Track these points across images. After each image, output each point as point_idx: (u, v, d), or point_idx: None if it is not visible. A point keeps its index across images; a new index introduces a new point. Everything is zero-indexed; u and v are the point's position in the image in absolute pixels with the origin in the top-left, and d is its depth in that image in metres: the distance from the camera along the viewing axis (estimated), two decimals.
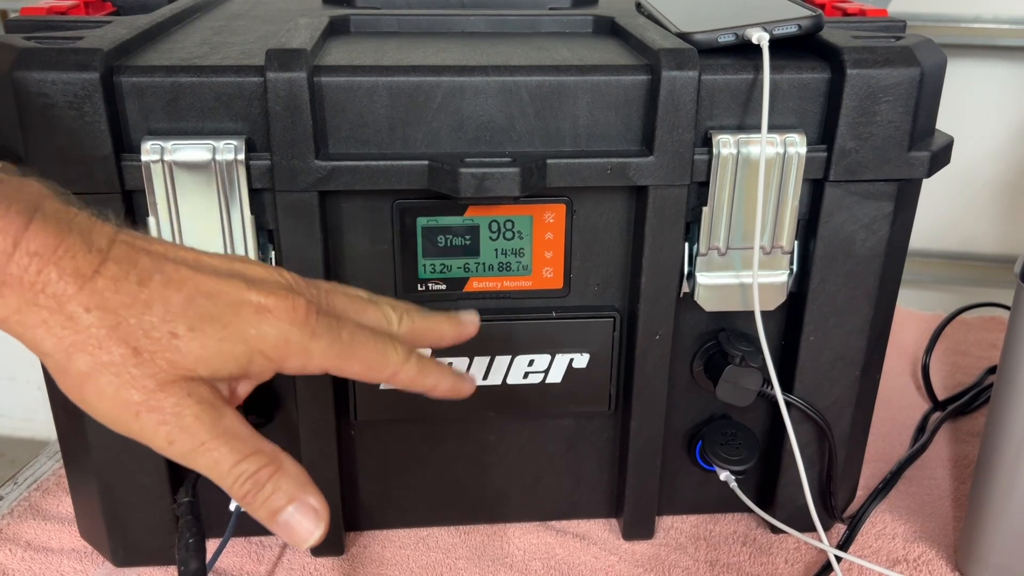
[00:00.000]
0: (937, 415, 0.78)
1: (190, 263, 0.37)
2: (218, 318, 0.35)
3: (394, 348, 0.40)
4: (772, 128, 0.51)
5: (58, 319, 0.33)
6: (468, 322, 0.45)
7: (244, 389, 0.38)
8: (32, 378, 1.76)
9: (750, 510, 0.60)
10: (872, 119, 0.51)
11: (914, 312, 0.97)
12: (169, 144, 0.48)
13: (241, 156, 0.48)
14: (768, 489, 0.63)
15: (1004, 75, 1.20)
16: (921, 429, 0.76)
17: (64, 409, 0.56)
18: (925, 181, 0.54)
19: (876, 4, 0.67)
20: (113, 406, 0.34)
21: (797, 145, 0.51)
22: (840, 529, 0.64)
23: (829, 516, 0.63)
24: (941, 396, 0.81)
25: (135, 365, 0.34)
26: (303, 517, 0.36)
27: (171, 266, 0.36)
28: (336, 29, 0.60)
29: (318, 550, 0.61)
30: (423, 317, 0.43)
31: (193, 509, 0.47)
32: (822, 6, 0.66)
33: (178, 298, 0.35)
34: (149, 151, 0.48)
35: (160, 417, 0.34)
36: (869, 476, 0.69)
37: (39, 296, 0.33)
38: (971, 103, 1.20)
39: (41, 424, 1.81)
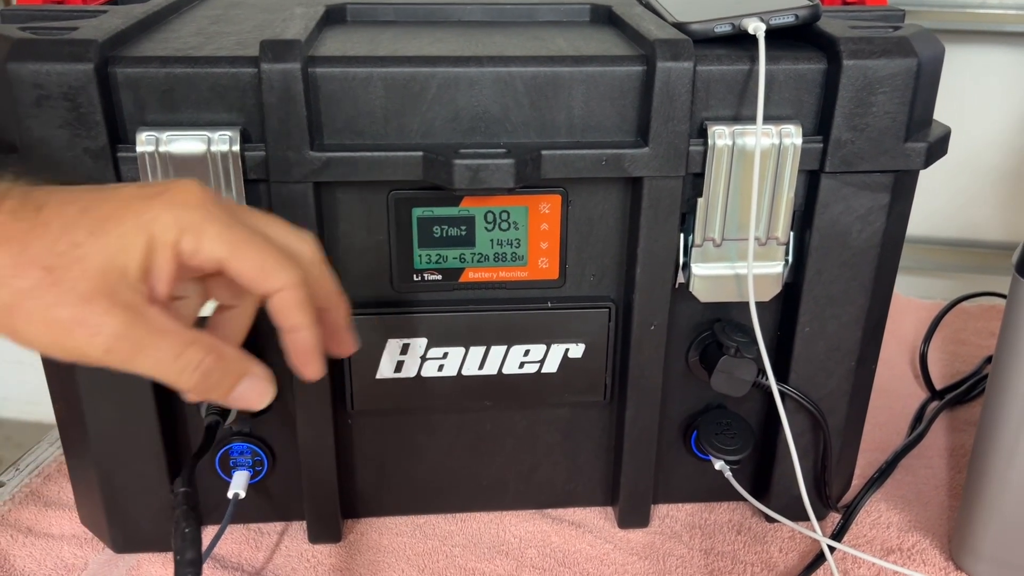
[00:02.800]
0: (935, 404, 0.78)
1: (88, 188, 0.37)
2: (112, 215, 0.35)
3: (290, 264, 0.38)
4: (768, 119, 0.51)
5: None
6: (349, 345, 0.45)
7: (161, 284, 0.37)
8: (37, 362, 1.76)
9: (745, 499, 0.61)
10: (868, 110, 0.51)
11: (914, 300, 0.97)
12: (164, 135, 0.48)
13: (236, 147, 0.48)
14: (763, 478, 0.63)
15: (1008, 61, 1.19)
16: (918, 418, 0.76)
17: (63, 398, 0.56)
18: (925, 169, 0.54)
19: None
20: (44, 330, 0.35)
21: (793, 136, 0.51)
22: (835, 518, 0.64)
23: (824, 505, 0.63)
24: (939, 385, 0.81)
25: (52, 283, 0.34)
26: (251, 388, 0.38)
27: (65, 192, 0.36)
28: (332, 18, 0.60)
29: (315, 537, 0.61)
30: (330, 279, 0.42)
31: (189, 499, 0.47)
32: None
33: (73, 209, 0.35)
34: (144, 142, 0.48)
35: (91, 329, 0.34)
36: (865, 465, 0.69)
37: None
38: (974, 90, 1.19)
39: (46, 407, 1.79)
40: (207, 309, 0.43)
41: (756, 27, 0.51)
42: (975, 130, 1.20)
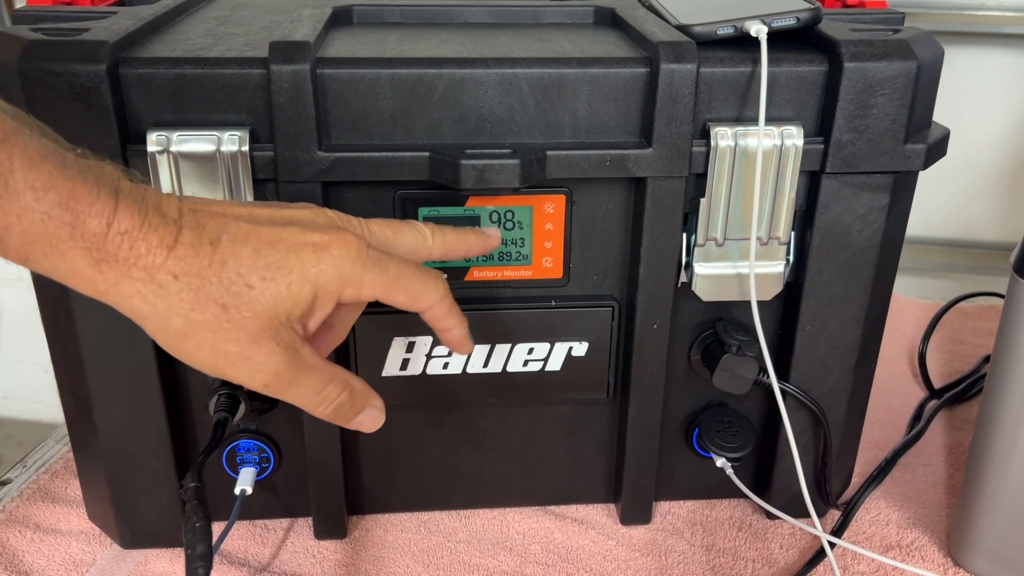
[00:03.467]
0: (933, 403, 0.79)
1: (246, 217, 0.40)
2: (283, 264, 0.39)
3: (435, 284, 0.44)
4: (769, 120, 0.52)
5: (151, 288, 0.37)
6: (492, 235, 0.50)
7: (313, 323, 0.41)
8: (39, 361, 1.78)
9: (746, 496, 0.61)
10: (869, 112, 0.51)
11: (913, 300, 0.98)
12: (174, 135, 0.49)
13: (245, 147, 0.49)
14: (764, 475, 0.64)
15: (1006, 63, 1.19)
16: (917, 417, 0.77)
17: (72, 395, 0.57)
18: (937, 167, 0.55)
19: None
20: (212, 358, 0.39)
21: (794, 137, 0.52)
22: (835, 515, 0.65)
23: (824, 502, 0.64)
24: (938, 384, 0.81)
25: (226, 320, 0.38)
26: (368, 417, 0.45)
27: (233, 224, 0.39)
28: (339, 20, 0.60)
29: (321, 533, 0.62)
30: (453, 232, 0.48)
31: (199, 494, 0.48)
32: None
33: (246, 251, 0.39)
34: (155, 142, 0.49)
35: (255, 364, 0.39)
36: (864, 463, 0.69)
37: (132, 269, 0.37)
38: (973, 91, 1.20)
39: (48, 407, 1.82)
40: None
41: (758, 29, 0.52)
42: (973, 131, 1.21)
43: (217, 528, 0.55)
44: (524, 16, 0.63)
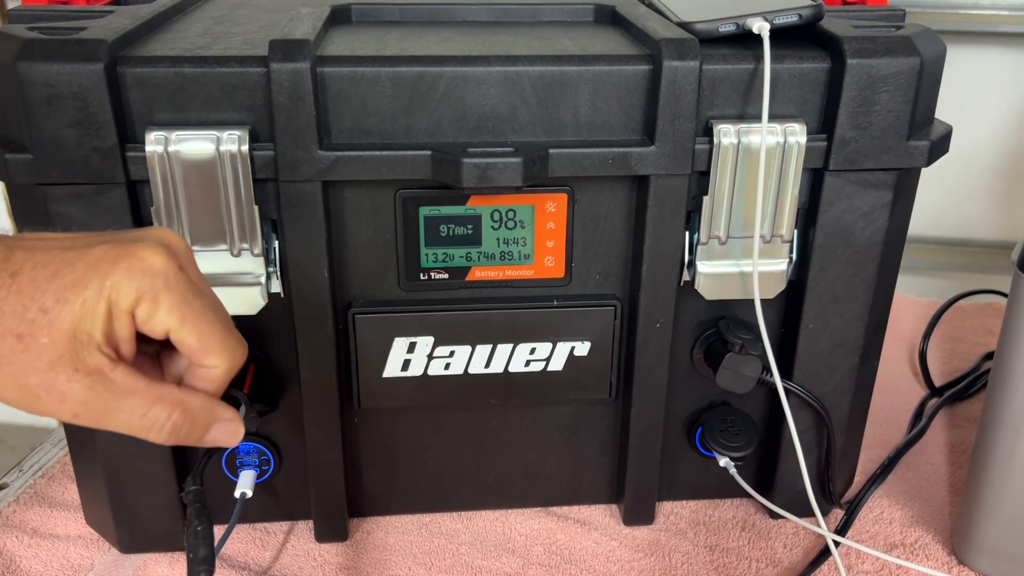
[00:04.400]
0: (934, 401, 0.79)
1: (64, 245, 0.37)
2: (79, 281, 0.36)
3: (232, 353, 0.40)
4: (772, 118, 0.52)
5: None
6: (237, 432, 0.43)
7: (126, 346, 0.37)
8: None
9: (749, 495, 0.61)
10: (872, 108, 0.51)
11: (912, 299, 0.98)
12: (173, 135, 0.48)
13: (245, 147, 0.49)
14: (767, 475, 0.64)
15: (1003, 62, 1.20)
16: (918, 415, 0.77)
17: None
18: (938, 165, 0.55)
19: None
20: (17, 394, 0.36)
21: (797, 134, 0.52)
22: (838, 514, 0.65)
23: (827, 501, 0.64)
24: (938, 382, 0.81)
25: (22, 351, 0.35)
26: (221, 432, 0.41)
27: (42, 253, 0.36)
28: (338, 18, 0.60)
29: (322, 536, 0.61)
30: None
31: (200, 497, 0.48)
32: None
33: (45, 275, 0.36)
34: (153, 142, 0.48)
35: (57, 396, 0.36)
36: (867, 462, 0.69)
37: None
38: (970, 89, 1.20)
39: None
40: None
41: (760, 27, 0.52)
42: (970, 129, 1.21)
43: (217, 532, 0.54)
44: (524, 14, 0.62)
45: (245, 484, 0.59)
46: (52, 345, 0.35)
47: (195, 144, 0.48)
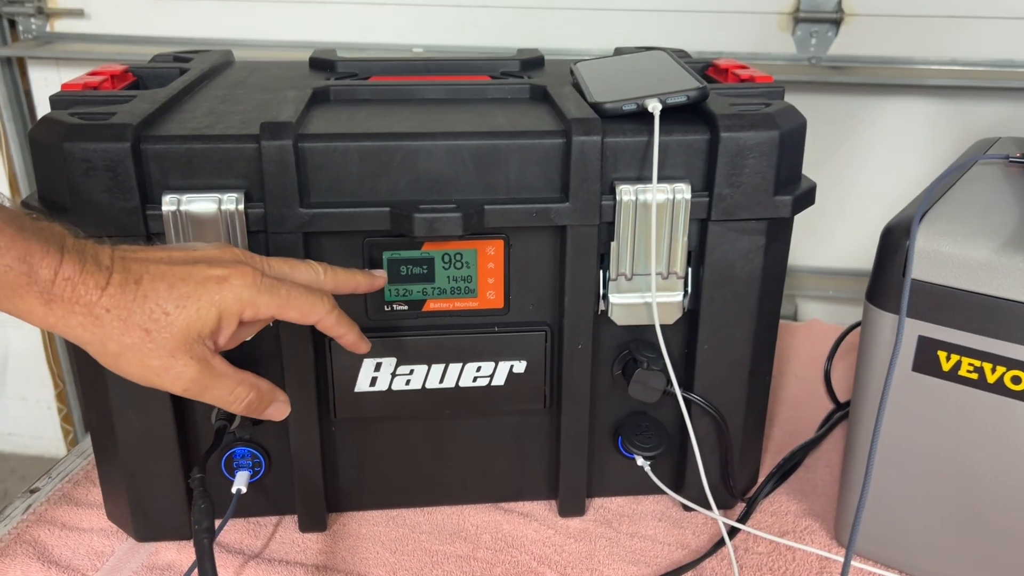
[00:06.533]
0: (840, 414, 0.91)
1: (165, 260, 0.51)
2: (192, 294, 0.50)
3: (321, 301, 0.55)
4: (663, 179, 0.64)
5: (89, 320, 0.48)
6: (379, 276, 0.63)
7: (223, 339, 0.52)
8: (41, 398, 1.86)
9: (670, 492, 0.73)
10: (742, 171, 0.64)
11: (830, 325, 1.10)
12: (184, 197, 0.61)
13: (241, 206, 0.61)
14: (680, 474, 0.75)
15: (931, 111, 1.32)
16: (823, 425, 0.89)
17: (96, 410, 0.68)
18: (865, 207, 0.66)
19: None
20: (141, 371, 0.50)
21: (684, 192, 0.64)
22: (742, 507, 0.76)
23: (730, 496, 0.75)
24: (842, 398, 0.93)
25: (149, 341, 0.49)
26: (275, 409, 0.56)
27: (153, 266, 0.50)
28: (318, 98, 0.73)
29: (304, 527, 0.73)
30: (344, 271, 0.59)
31: (204, 483, 0.59)
32: (725, 71, 0.80)
33: (163, 286, 0.49)
34: (168, 203, 0.61)
35: (175, 374, 0.50)
36: (774, 465, 0.81)
37: (74, 307, 0.47)
38: (901, 137, 1.32)
39: (49, 442, 1.90)
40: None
41: (654, 106, 0.64)
42: (900, 174, 1.33)
43: (215, 524, 0.66)
44: (472, 92, 0.75)
45: (240, 482, 0.70)
46: (171, 339, 0.49)
47: (201, 204, 0.61)
